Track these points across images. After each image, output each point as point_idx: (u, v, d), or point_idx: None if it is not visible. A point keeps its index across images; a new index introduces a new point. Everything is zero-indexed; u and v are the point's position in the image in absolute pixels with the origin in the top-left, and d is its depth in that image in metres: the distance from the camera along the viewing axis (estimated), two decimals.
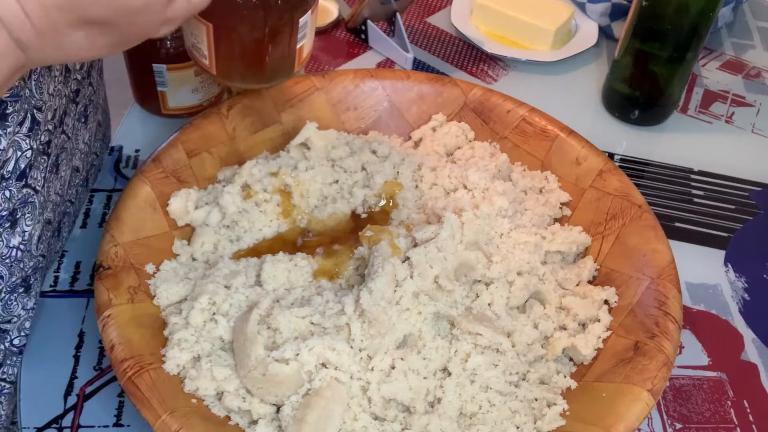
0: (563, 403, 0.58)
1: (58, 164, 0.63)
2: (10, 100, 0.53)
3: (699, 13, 0.82)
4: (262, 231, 0.69)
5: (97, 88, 0.71)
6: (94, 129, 0.72)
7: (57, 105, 0.61)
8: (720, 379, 0.69)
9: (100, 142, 0.76)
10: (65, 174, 0.66)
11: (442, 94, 0.79)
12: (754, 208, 0.85)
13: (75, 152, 0.67)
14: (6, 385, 0.64)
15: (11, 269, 0.59)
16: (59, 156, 0.63)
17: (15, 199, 0.57)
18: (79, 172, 0.70)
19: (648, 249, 0.65)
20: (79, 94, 0.66)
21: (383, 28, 0.99)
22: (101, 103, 0.75)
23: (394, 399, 0.57)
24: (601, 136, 0.88)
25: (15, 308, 0.61)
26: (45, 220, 0.62)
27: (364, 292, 0.58)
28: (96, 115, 0.72)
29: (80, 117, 0.67)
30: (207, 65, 0.59)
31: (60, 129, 0.62)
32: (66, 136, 0.64)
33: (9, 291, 0.60)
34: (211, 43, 0.57)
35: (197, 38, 0.58)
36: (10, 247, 0.58)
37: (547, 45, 0.99)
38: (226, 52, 0.58)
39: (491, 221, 0.67)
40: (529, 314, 0.64)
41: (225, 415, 0.56)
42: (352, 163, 0.73)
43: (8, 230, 0.57)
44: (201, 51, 0.58)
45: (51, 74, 0.58)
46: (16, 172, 0.56)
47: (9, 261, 0.58)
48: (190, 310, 0.59)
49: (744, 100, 0.98)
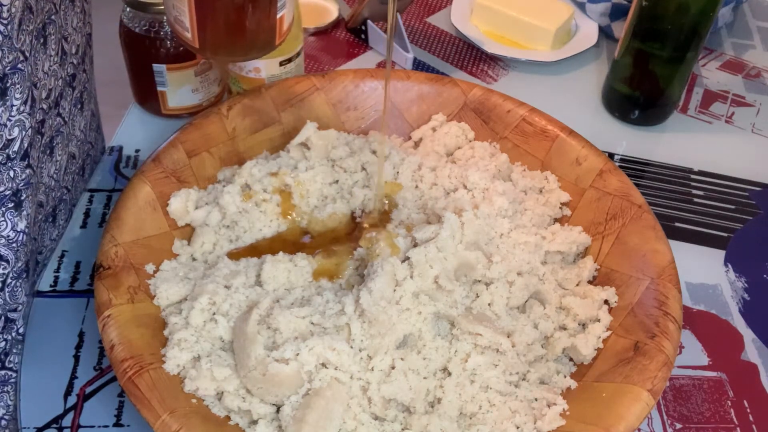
0: (563, 403, 0.58)
1: (53, 146, 0.63)
2: (9, 73, 0.53)
3: (699, 13, 0.82)
4: (262, 231, 0.69)
5: (90, 76, 0.72)
6: (89, 118, 0.72)
7: (52, 85, 0.61)
8: (720, 379, 0.69)
9: (94, 132, 0.76)
10: (61, 159, 0.66)
11: (442, 94, 0.79)
12: (754, 208, 0.85)
13: (71, 138, 0.67)
14: (12, 374, 0.64)
15: (17, 254, 0.59)
16: (54, 138, 0.63)
17: (19, 179, 0.57)
18: (76, 159, 0.70)
19: (648, 249, 0.65)
20: (75, 79, 0.66)
21: (383, 28, 0.99)
22: (94, 93, 0.75)
23: (394, 399, 0.57)
24: (601, 136, 0.88)
25: (20, 295, 0.61)
26: (37, 202, 0.62)
27: (364, 292, 0.58)
28: (90, 105, 0.72)
29: (76, 103, 0.67)
30: (189, 38, 0.59)
31: (55, 111, 0.62)
32: (62, 119, 0.64)
33: (15, 277, 0.60)
34: (193, 13, 0.57)
35: (179, 10, 0.58)
36: (17, 231, 0.58)
37: (547, 45, 0.99)
38: (208, 21, 0.58)
39: (491, 221, 0.67)
40: (529, 314, 0.64)
41: (225, 415, 0.56)
42: (352, 163, 0.73)
43: (13, 212, 0.57)
44: (183, 23, 0.58)
45: (46, 52, 0.58)
46: (21, 152, 0.56)
47: (16, 245, 0.58)
48: (190, 310, 0.59)
49: (744, 100, 0.98)
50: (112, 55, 0.88)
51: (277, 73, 0.79)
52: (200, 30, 0.58)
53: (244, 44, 0.61)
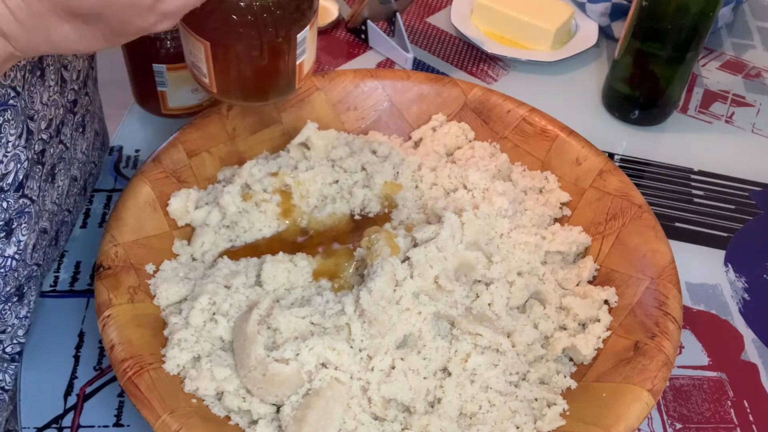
0: (563, 403, 0.58)
1: (54, 174, 0.63)
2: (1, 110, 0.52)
3: (699, 13, 0.82)
4: (262, 231, 0.69)
5: (93, 97, 0.71)
6: (92, 138, 0.72)
7: (53, 115, 0.60)
8: (720, 379, 0.69)
9: (98, 151, 0.76)
10: (63, 184, 0.65)
11: (442, 94, 0.79)
12: (754, 208, 0.85)
13: (73, 162, 0.67)
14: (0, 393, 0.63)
15: (6, 278, 0.59)
16: (56, 166, 0.63)
17: (12, 210, 0.57)
18: (77, 181, 0.70)
19: (648, 249, 0.65)
20: (77, 105, 0.66)
21: (383, 28, 0.99)
22: (97, 112, 0.75)
23: (394, 399, 0.57)
24: (601, 136, 0.88)
25: (9, 318, 0.61)
26: (40, 229, 0.62)
27: (364, 292, 0.58)
28: (93, 125, 0.72)
29: (78, 127, 0.67)
30: (207, 84, 0.58)
31: (57, 139, 0.62)
32: (64, 146, 0.64)
33: (3, 301, 0.60)
34: (210, 62, 0.56)
35: (196, 57, 0.57)
36: (5, 256, 0.58)
37: (547, 45, 0.99)
38: (225, 70, 0.57)
39: (491, 221, 0.67)
40: (529, 314, 0.64)
41: (225, 415, 0.56)
42: (352, 163, 0.73)
43: (3, 240, 0.57)
44: (200, 69, 0.57)
45: (44, 84, 0.58)
46: (15, 184, 0.56)
47: (3, 270, 0.58)
48: (190, 310, 0.59)
49: (744, 100, 0.98)
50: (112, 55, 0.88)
51: None
52: (218, 78, 0.57)
53: (263, 92, 0.60)
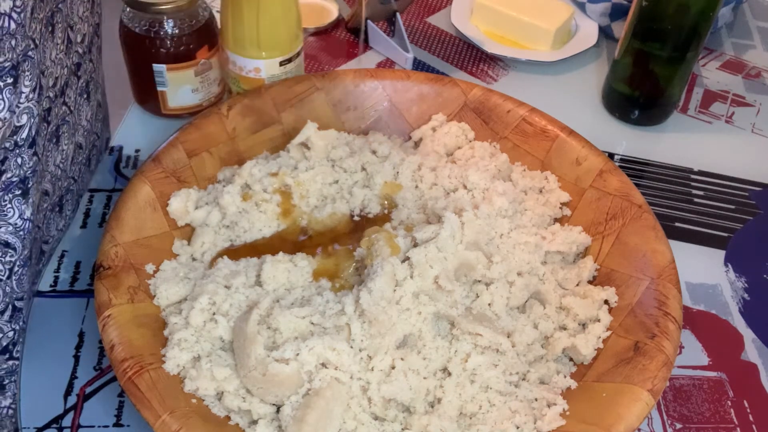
0: (563, 403, 0.58)
1: (59, 135, 0.63)
2: (21, 61, 0.53)
3: (699, 13, 0.82)
4: (262, 231, 0.69)
5: (97, 66, 0.72)
6: (95, 108, 0.72)
7: (58, 74, 0.61)
8: (720, 379, 0.69)
9: (101, 123, 0.76)
10: (67, 148, 0.66)
11: (442, 94, 0.79)
12: (754, 208, 0.85)
13: (78, 128, 0.68)
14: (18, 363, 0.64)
15: (24, 242, 0.59)
16: (60, 127, 0.63)
17: (26, 166, 0.57)
18: (82, 149, 0.71)
19: (648, 249, 0.65)
20: (80, 68, 0.66)
21: (383, 28, 0.99)
22: (101, 83, 0.76)
23: (394, 399, 0.57)
24: (601, 136, 0.88)
25: (26, 283, 0.61)
26: (42, 191, 0.63)
27: (364, 292, 0.58)
28: (96, 95, 0.72)
29: (82, 92, 0.67)
30: None
31: (61, 99, 0.62)
32: (68, 108, 0.64)
33: (21, 265, 0.60)
34: None
35: None
36: (24, 219, 0.58)
37: (547, 45, 0.99)
38: None
39: (491, 221, 0.67)
40: (529, 314, 0.64)
41: (225, 415, 0.56)
42: (352, 163, 0.73)
43: (20, 199, 0.57)
44: None
45: (54, 40, 0.59)
46: (29, 139, 0.56)
47: (23, 233, 0.58)
48: (190, 310, 0.59)
49: (744, 100, 0.98)
50: (112, 55, 0.88)
51: (277, 73, 0.79)
52: None
53: None
